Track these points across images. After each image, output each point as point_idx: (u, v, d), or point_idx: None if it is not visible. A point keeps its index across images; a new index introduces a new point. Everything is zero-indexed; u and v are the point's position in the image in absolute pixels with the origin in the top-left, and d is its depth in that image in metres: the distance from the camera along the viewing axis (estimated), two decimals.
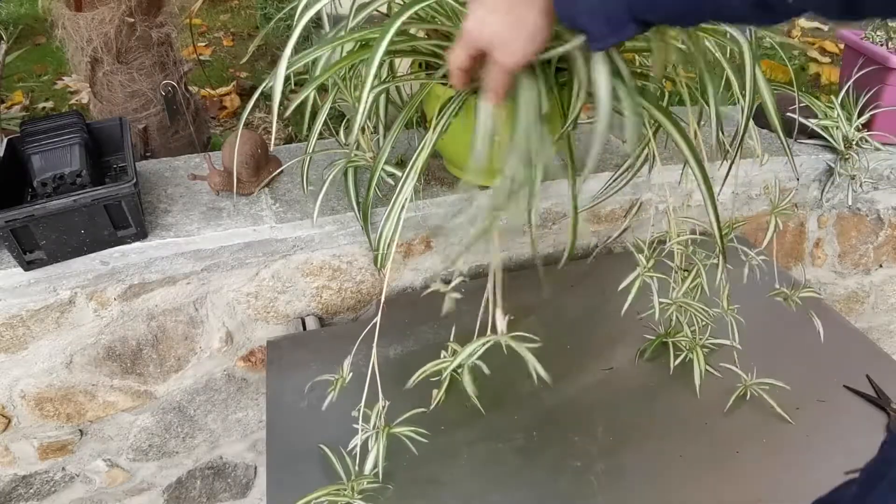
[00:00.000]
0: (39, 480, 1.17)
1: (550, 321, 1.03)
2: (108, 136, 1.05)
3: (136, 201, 0.91)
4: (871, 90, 1.29)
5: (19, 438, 1.10)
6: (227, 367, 1.13)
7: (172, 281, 1.00)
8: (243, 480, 1.32)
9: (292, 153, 1.16)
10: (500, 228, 0.70)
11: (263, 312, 1.09)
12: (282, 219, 1.01)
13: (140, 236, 0.95)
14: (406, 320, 1.03)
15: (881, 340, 1.71)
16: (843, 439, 0.87)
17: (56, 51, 2.44)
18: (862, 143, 1.29)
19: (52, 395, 1.05)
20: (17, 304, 0.94)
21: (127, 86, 1.32)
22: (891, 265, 1.56)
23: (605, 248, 1.25)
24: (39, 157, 0.93)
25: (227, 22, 3.09)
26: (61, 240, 0.90)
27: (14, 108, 2.34)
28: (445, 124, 0.84)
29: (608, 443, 0.85)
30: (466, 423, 0.87)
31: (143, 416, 1.14)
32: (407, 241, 1.08)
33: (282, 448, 0.84)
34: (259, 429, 1.24)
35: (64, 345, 1.00)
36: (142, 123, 1.36)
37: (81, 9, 1.24)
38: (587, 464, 0.82)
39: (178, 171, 1.11)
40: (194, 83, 2.33)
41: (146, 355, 1.06)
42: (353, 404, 0.90)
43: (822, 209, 1.39)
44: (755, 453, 0.85)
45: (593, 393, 0.93)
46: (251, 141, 1.02)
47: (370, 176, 0.90)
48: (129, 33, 1.26)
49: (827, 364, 0.97)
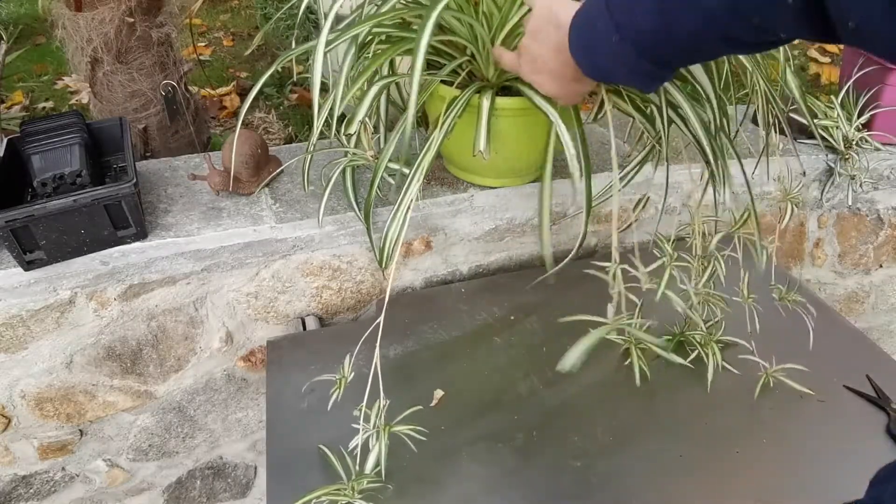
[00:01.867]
0: (39, 480, 1.17)
1: (550, 321, 1.03)
2: (108, 136, 1.05)
3: (136, 201, 0.91)
4: (871, 90, 1.29)
5: (19, 438, 1.10)
6: (227, 367, 1.13)
7: (172, 281, 1.00)
8: (243, 480, 1.32)
9: (292, 153, 1.16)
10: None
11: (263, 312, 1.09)
12: (282, 219, 1.01)
13: (140, 236, 0.95)
14: (406, 320, 1.03)
15: (881, 340, 1.71)
16: (843, 439, 0.87)
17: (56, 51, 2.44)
18: (862, 143, 1.29)
19: (52, 395, 1.05)
20: (17, 304, 0.94)
21: (127, 86, 1.32)
22: (891, 265, 1.56)
23: (605, 247, 1.25)
24: (39, 157, 0.93)
25: (227, 22, 3.09)
26: (61, 240, 0.90)
27: (14, 108, 2.34)
28: (451, 124, 0.85)
29: (608, 443, 0.85)
30: (466, 423, 0.87)
31: (143, 416, 1.14)
32: (407, 240, 1.09)
33: (282, 448, 0.84)
34: (259, 429, 1.24)
35: (64, 345, 1.00)
36: (142, 123, 1.37)
37: (81, 9, 1.24)
38: (587, 464, 0.82)
39: (178, 171, 1.11)
40: (194, 83, 2.33)
41: (146, 355, 1.06)
42: (353, 404, 0.90)
43: (822, 209, 1.39)
44: (755, 453, 0.85)
45: (593, 393, 0.93)
46: (251, 141, 1.02)
47: (372, 175, 0.90)
48: (129, 33, 1.26)
49: (827, 364, 0.97)
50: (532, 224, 1.14)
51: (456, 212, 1.07)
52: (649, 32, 0.54)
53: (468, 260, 1.15)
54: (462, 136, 0.93)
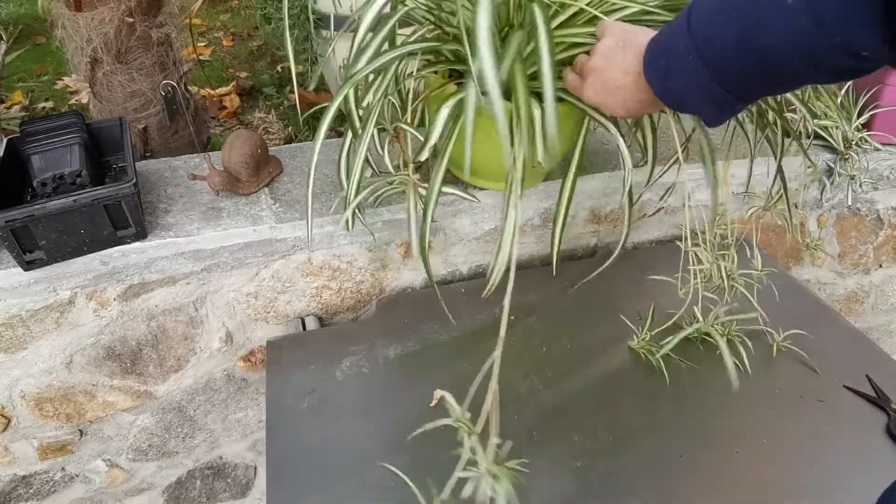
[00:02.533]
0: (39, 480, 1.17)
1: (550, 321, 1.03)
2: (108, 136, 1.05)
3: (136, 201, 0.91)
4: (871, 90, 1.29)
5: (19, 438, 1.10)
6: (226, 367, 1.13)
7: (172, 281, 1.00)
8: (243, 480, 1.32)
9: (292, 153, 1.16)
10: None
11: (263, 312, 1.09)
12: (282, 219, 1.01)
13: (140, 236, 0.95)
14: (406, 320, 1.03)
15: (881, 340, 1.71)
16: (843, 439, 0.87)
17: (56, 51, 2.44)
18: (862, 143, 1.29)
19: (52, 396, 1.05)
20: (16, 305, 0.94)
21: (127, 86, 1.32)
22: (890, 265, 1.56)
23: (606, 247, 1.25)
24: (39, 157, 0.93)
25: (227, 22, 3.09)
26: (61, 240, 0.90)
27: (14, 108, 2.34)
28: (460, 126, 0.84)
29: (608, 443, 0.85)
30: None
31: (143, 416, 1.14)
32: (406, 240, 1.09)
33: (282, 448, 0.84)
34: (259, 429, 1.24)
35: (64, 345, 1.00)
36: (142, 123, 1.37)
37: (81, 9, 1.24)
38: (587, 464, 0.82)
39: (178, 171, 1.11)
40: (194, 83, 2.33)
41: (146, 355, 1.06)
42: (352, 404, 0.90)
43: (821, 209, 1.39)
44: (755, 453, 0.85)
45: (593, 393, 0.93)
46: (251, 141, 1.02)
47: (424, 204, 0.86)
48: (129, 33, 1.26)
49: (827, 364, 0.97)
50: (532, 224, 1.14)
51: (456, 212, 1.07)
52: (730, 49, 0.54)
53: (468, 260, 1.15)
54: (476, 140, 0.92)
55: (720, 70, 0.56)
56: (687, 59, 0.57)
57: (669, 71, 0.61)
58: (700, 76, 0.57)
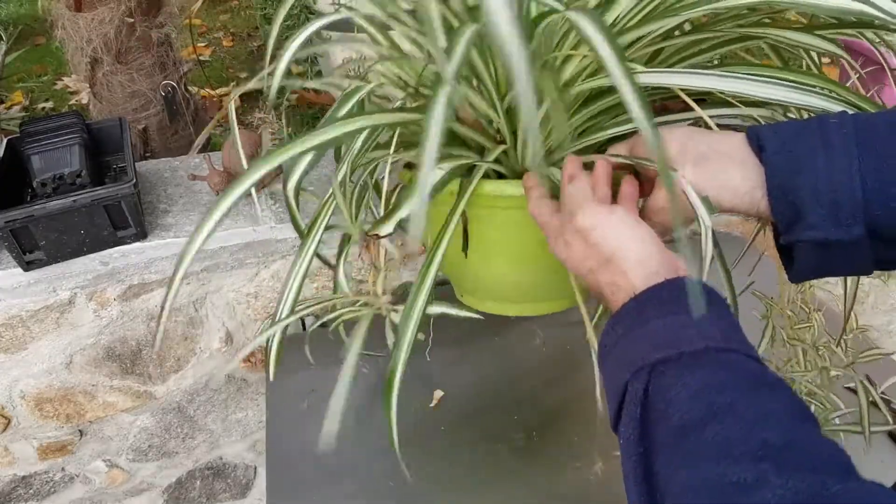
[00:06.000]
0: (39, 481, 1.17)
1: (550, 322, 1.03)
2: (107, 136, 1.05)
3: (136, 201, 0.91)
4: (871, 90, 1.29)
5: (19, 439, 1.09)
6: (227, 367, 1.13)
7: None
8: (243, 481, 1.32)
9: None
10: None
11: (263, 312, 1.09)
12: (282, 219, 1.01)
13: (140, 236, 0.95)
14: None
15: (881, 340, 1.71)
16: (843, 439, 0.87)
17: (56, 51, 2.44)
18: None
19: (52, 396, 1.05)
20: (16, 305, 0.94)
21: (127, 86, 1.32)
22: None
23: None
24: (39, 157, 0.93)
25: (227, 22, 3.09)
26: (61, 240, 0.90)
27: (14, 108, 2.34)
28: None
29: (608, 443, 0.85)
30: (466, 423, 0.87)
31: (143, 417, 1.14)
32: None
33: (282, 448, 0.84)
34: (259, 429, 1.24)
35: (64, 345, 1.00)
36: (142, 124, 1.37)
37: (81, 9, 1.24)
38: (587, 464, 0.82)
39: (178, 171, 1.11)
40: (194, 83, 2.33)
41: (146, 356, 1.06)
42: (352, 404, 0.90)
43: None
44: None
45: (593, 393, 0.93)
46: (251, 141, 1.02)
47: (397, 339, 0.64)
48: (129, 33, 1.26)
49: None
50: None
51: None
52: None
53: None
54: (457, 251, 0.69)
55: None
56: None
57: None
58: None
